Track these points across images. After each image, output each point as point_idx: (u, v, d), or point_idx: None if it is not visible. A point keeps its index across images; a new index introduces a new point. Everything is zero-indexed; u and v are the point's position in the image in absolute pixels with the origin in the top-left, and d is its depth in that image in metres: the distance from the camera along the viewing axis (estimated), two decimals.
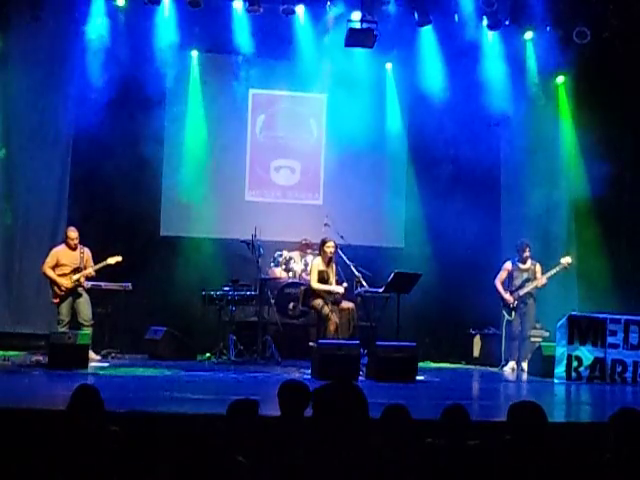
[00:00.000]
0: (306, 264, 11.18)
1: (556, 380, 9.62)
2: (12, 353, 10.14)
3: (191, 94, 11.94)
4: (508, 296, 10.77)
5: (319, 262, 10.26)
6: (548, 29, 11.45)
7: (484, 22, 11.45)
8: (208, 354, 10.49)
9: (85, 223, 10.77)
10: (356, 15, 10.99)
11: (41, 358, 9.50)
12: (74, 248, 10.14)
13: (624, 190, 11.97)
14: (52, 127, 11.29)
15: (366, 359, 9.36)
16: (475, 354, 11.67)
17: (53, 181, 11.35)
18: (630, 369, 9.67)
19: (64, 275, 10.02)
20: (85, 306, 10.08)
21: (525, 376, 10.32)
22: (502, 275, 10.85)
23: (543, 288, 10.75)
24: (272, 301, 10.79)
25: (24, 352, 10.23)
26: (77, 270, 10.06)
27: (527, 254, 10.75)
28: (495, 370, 10.80)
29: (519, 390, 9.77)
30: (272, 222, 11.49)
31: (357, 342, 9.28)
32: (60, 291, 10.01)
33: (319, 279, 10.19)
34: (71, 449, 4.03)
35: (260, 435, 4.02)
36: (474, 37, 11.55)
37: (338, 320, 9.96)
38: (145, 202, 11.60)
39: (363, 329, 10.32)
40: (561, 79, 12.23)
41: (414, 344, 9.30)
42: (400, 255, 11.92)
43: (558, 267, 10.67)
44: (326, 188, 12.37)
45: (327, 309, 10.00)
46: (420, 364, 9.54)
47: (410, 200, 12.30)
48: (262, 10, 11.01)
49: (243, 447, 3.79)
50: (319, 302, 10.08)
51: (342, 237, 10.47)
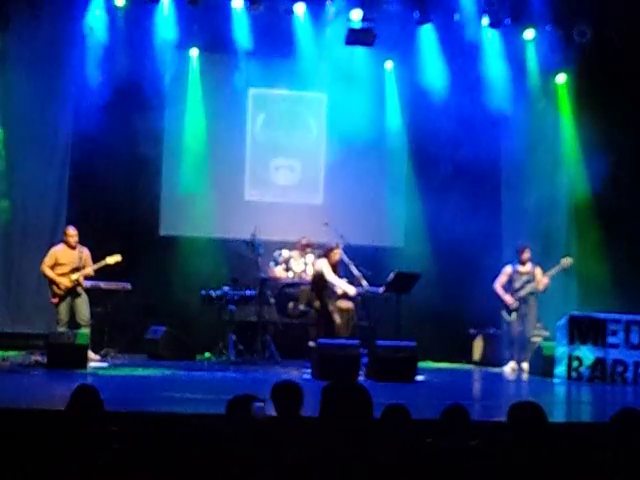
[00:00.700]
0: (306, 264, 11.16)
1: (556, 380, 9.61)
2: (11, 353, 10.11)
3: (190, 93, 11.88)
4: (509, 298, 10.74)
5: (327, 263, 10.21)
6: (548, 28, 11.46)
7: (484, 20, 11.46)
8: (208, 354, 10.48)
9: (84, 223, 10.72)
10: (356, 13, 10.97)
11: (40, 358, 9.44)
12: (73, 247, 10.10)
13: (624, 189, 11.96)
14: (51, 126, 11.25)
15: (366, 359, 9.34)
16: (475, 354, 11.65)
17: (52, 180, 11.30)
18: (631, 369, 9.66)
19: (63, 274, 9.99)
20: (83, 306, 10.05)
21: (525, 376, 10.31)
22: (502, 279, 10.82)
23: (545, 289, 10.73)
24: (272, 301, 10.77)
25: (23, 352, 10.17)
26: (76, 270, 10.02)
27: (527, 255, 10.72)
28: (495, 370, 10.79)
29: (519, 390, 9.76)
30: (272, 221, 11.46)
31: (357, 342, 9.26)
32: (59, 290, 9.97)
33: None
34: (70, 449, 4.01)
35: (257, 436, 4.00)
36: (474, 35, 11.55)
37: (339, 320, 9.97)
38: (144, 201, 11.57)
39: (363, 329, 10.29)
40: (561, 78, 12.21)
41: (414, 344, 9.29)
42: (400, 254, 11.90)
43: (558, 267, 10.66)
44: (326, 187, 12.34)
45: (332, 306, 10.02)
46: (420, 364, 9.52)
47: (410, 199, 12.27)
48: (262, 8, 11.00)
49: (241, 447, 3.77)
50: (326, 300, 10.08)
51: (342, 236, 10.45)
